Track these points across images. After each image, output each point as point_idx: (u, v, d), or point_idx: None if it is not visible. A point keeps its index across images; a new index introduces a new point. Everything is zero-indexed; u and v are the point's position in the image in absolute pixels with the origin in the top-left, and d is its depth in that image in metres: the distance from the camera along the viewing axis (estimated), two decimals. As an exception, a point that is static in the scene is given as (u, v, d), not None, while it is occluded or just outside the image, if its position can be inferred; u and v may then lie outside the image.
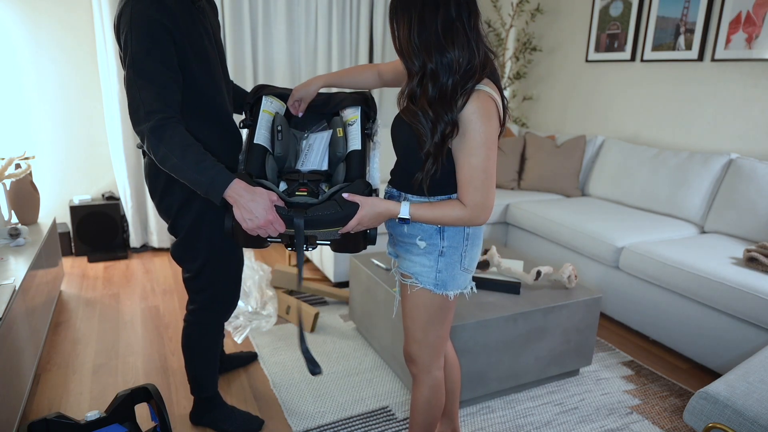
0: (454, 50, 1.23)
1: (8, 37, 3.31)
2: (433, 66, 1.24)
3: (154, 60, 1.39)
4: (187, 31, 1.47)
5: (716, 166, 2.95)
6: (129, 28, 1.39)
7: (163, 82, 1.40)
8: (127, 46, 1.40)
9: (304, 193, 1.48)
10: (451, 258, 1.42)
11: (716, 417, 1.46)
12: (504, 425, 2.04)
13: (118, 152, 3.59)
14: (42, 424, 1.48)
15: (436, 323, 1.48)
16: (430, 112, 1.25)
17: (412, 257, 1.46)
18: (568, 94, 4.15)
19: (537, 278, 2.26)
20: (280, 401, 2.13)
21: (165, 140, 1.37)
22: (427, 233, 1.41)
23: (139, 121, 1.39)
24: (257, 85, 1.71)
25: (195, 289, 1.76)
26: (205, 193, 1.39)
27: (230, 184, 1.36)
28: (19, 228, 2.57)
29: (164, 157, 1.38)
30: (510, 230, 3.58)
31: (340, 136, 1.59)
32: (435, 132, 1.26)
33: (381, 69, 1.64)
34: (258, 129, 1.56)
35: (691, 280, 2.39)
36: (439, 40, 1.23)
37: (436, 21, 1.22)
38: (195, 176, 1.37)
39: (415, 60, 1.26)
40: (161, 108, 1.39)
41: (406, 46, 1.26)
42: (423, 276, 1.43)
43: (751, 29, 2.88)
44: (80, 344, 2.53)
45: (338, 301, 3.05)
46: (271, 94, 1.66)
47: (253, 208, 1.33)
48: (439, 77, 1.25)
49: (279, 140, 1.54)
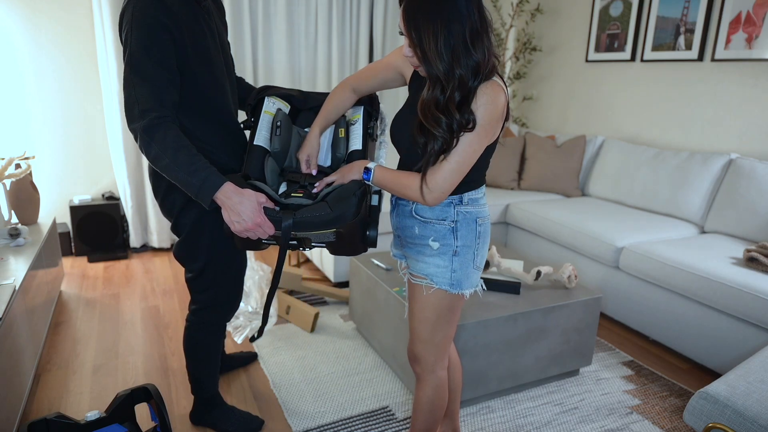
0: (477, 54, 1.24)
1: (9, 38, 3.31)
2: (461, 71, 1.24)
3: (152, 59, 1.39)
4: (190, 30, 1.47)
5: (716, 166, 2.95)
6: (130, 26, 1.39)
7: (160, 82, 1.40)
8: (127, 44, 1.40)
9: (300, 195, 1.47)
10: (464, 257, 1.43)
11: (716, 417, 1.46)
12: (504, 425, 2.04)
13: (118, 152, 3.59)
14: (42, 424, 1.47)
15: (445, 323, 1.49)
16: (456, 115, 1.25)
17: (425, 258, 1.45)
18: (568, 94, 4.15)
19: (537, 278, 2.26)
20: (280, 401, 2.13)
21: (157, 140, 1.37)
22: (440, 234, 1.42)
23: (133, 119, 1.39)
24: (261, 87, 1.70)
25: (197, 288, 1.76)
26: (195, 196, 1.38)
27: (220, 187, 1.35)
28: (19, 228, 2.57)
29: (156, 156, 1.38)
30: (510, 230, 3.57)
31: (341, 137, 1.58)
32: (453, 133, 1.26)
33: (354, 84, 1.58)
34: (258, 130, 1.56)
35: (691, 280, 2.39)
36: (467, 47, 1.23)
37: (464, 29, 1.22)
38: (186, 177, 1.36)
39: (440, 66, 1.25)
40: (156, 107, 1.38)
41: (433, 54, 1.25)
42: (438, 277, 1.44)
43: (751, 29, 2.88)
44: (80, 344, 2.53)
45: (338, 301, 3.05)
46: (274, 95, 1.64)
47: (241, 210, 1.33)
48: (466, 82, 1.25)
49: (277, 135, 1.53)
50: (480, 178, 1.45)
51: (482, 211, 1.46)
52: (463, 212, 1.42)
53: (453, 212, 1.41)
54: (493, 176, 3.82)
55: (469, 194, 1.42)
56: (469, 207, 1.42)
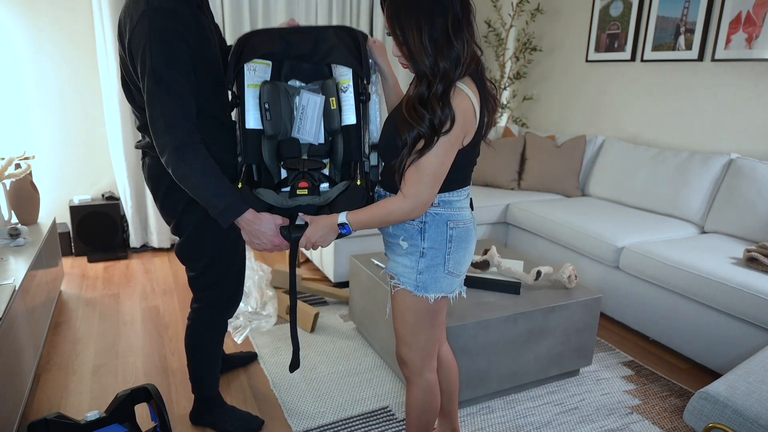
0: (457, 45, 1.25)
1: (9, 38, 3.31)
2: (445, 64, 1.24)
3: (174, 72, 1.42)
4: (198, 37, 1.49)
5: (716, 166, 2.95)
6: (148, 40, 1.40)
7: (183, 94, 1.44)
8: (145, 57, 1.41)
9: (305, 190, 1.50)
10: (432, 260, 1.40)
11: (716, 417, 1.46)
12: (504, 425, 2.04)
13: (118, 152, 3.59)
14: (42, 424, 1.47)
15: (425, 326, 1.47)
16: (438, 111, 1.24)
17: (395, 257, 1.46)
18: (568, 94, 4.15)
19: (537, 278, 2.26)
20: (280, 401, 2.13)
21: (187, 161, 1.44)
22: (409, 233, 1.41)
23: (159, 133, 1.43)
24: (237, 43, 1.52)
25: (200, 287, 1.77)
26: (215, 216, 1.47)
27: (242, 214, 1.45)
28: (19, 228, 2.57)
29: (183, 176, 1.45)
30: (510, 230, 3.57)
31: (333, 108, 1.51)
32: (435, 130, 1.25)
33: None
34: (247, 111, 1.51)
35: (691, 280, 2.38)
36: (449, 39, 1.24)
37: (447, 21, 1.23)
38: (210, 200, 1.45)
39: (426, 61, 1.25)
40: (181, 121, 1.43)
41: (418, 50, 1.25)
42: (404, 277, 1.43)
43: (751, 29, 2.88)
44: (80, 344, 2.53)
45: (338, 301, 3.05)
46: (252, 59, 1.49)
47: (260, 235, 1.47)
48: (449, 75, 1.25)
49: (268, 120, 1.51)
50: (458, 180, 1.40)
51: (456, 215, 1.41)
52: (432, 213, 1.39)
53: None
54: (493, 176, 3.82)
55: (443, 195, 1.39)
56: (440, 209, 1.39)
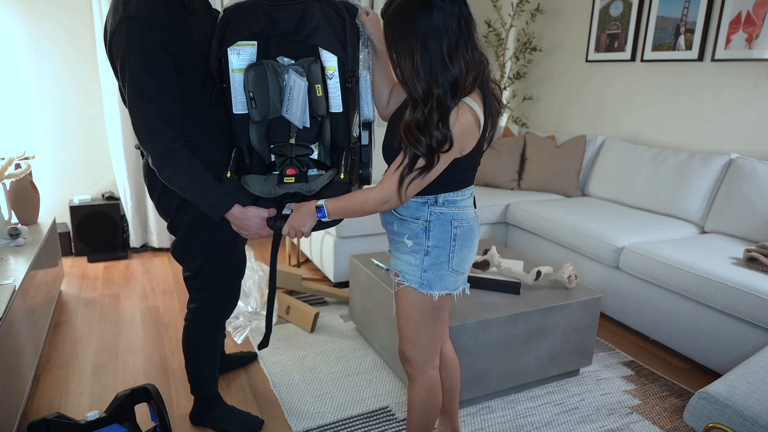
0: (454, 68, 1.22)
1: (9, 38, 3.31)
2: (439, 91, 1.22)
3: (152, 79, 1.42)
4: (181, 41, 1.48)
5: (716, 166, 2.95)
6: (125, 48, 1.40)
7: (163, 100, 1.45)
8: (124, 66, 1.41)
9: (293, 177, 1.55)
10: (437, 258, 1.42)
11: (716, 417, 1.46)
12: (504, 425, 2.04)
13: (118, 152, 3.59)
14: (42, 424, 1.47)
15: (429, 323, 1.48)
16: (435, 132, 1.23)
17: (400, 255, 1.48)
18: (568, 94, 4.15)
19: (537, 278, 2.26)
20: (280, 401, 2.13)
21: (172, 165, 1.48)
22: (414, 232, 1.43)
23: (142, 141, 1.47)
24: (219, 24, 1.47)
25: (195, 287, 1.77)
26: (205, 211, 1.53)
27: (229, 210, 1.52)
28: (19, 228, 2.57)
29: (170, 177, 1.49)
30: (510, 230, 3.57)
31: (319, 96, 1.50)
32: (433, 152, 1.26)
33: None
34: (234, 97, 1.51)
35: (691, 280, 2.38)
36: (444, 63, 1.21)
37: (442, 44, 1.20)
38: (198, 199, 1.51)
39: (418, 87, 1.23)
40: (162, 128, 1.45)
41: (410, 75, 1.23)
42: (409, 274, 1.45)
43: (751, 29, 2.88)
44: (80, 344, 2.53)
45: (338, 301, 3.05)
46: (235, 42, 1.45)
47: (248, 227, 1.55)
48: (444, 102, 1.23)
49: (254, 108, 1.52)
50: (462, 180, 1.42)
51: (460, 214, 1.43)
52: (437, 213, 1.41)
53: (426, 212, 1.41)
54: (493, 176, 3.82)
55: (447, 195, 1.41)
56: (444, 208, 1.41)
